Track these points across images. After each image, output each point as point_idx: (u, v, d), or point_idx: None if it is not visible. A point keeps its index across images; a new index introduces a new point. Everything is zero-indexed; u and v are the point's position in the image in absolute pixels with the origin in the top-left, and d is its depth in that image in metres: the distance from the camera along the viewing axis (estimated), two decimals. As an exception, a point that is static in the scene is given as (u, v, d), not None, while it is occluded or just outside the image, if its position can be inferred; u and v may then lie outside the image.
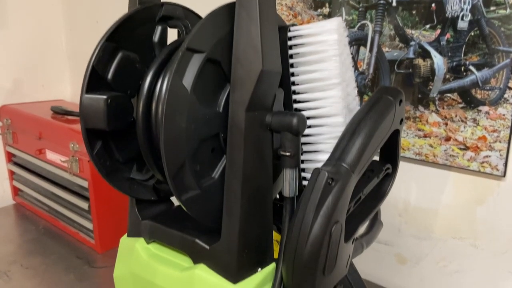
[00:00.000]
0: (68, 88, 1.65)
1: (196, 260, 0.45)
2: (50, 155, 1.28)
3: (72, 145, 1.17)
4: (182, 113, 0.37)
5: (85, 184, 1.19)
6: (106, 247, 1.23)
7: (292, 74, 0.45)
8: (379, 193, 0.49)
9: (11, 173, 1.51)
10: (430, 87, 0.76)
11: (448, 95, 0.75)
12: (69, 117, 1.35)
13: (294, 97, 0.46)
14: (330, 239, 0.40)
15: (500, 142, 0.71)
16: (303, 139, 0.46)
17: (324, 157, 0.43)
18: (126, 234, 0.54)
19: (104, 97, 0.41)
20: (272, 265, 0.46)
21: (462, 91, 0.73)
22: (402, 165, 0.86)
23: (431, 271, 0.86)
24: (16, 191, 1.54)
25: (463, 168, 0.76)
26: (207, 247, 0.44)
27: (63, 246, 1.27)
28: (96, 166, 0.44)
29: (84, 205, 1.21)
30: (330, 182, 0.39)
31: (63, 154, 1.22)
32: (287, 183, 0.43)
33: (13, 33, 1.48)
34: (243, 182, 0.41)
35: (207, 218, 0.42)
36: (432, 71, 0.75)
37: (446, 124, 0.76)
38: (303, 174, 0.48)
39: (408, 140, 0.81)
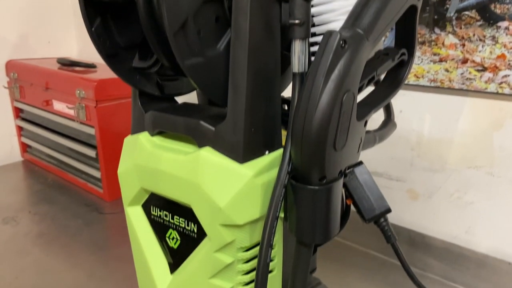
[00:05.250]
0: (74, 45, 1.63)
1: (201, 144, 0.43)
2: (57, 105, 1.27)
3: (78, 91, 1.16)
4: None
5: (92, 131, 1.18)
6: (114, 195, 1.23)
7: None
8: (395, 81, 0.47)
9: (19, 129, 1.51)
10: (447, 6, 0.73)
11: (466, 13, 0.71)
12: (76, 68, 1.34)
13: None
14: (341, 108, 0.37)
15: (520, 59, 0.68)
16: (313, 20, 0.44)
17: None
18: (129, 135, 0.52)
19: (102, -38, 0.39)
20: (280, 150, 0.44)
21: (481, 7, 0.69)
22: (415, 96, 0.83)
23: (444, 205, 0.83)
24: (24, 148, 1.54)
25: (480, 91, 0.73)
26: (212, 128, 0.42)
27: (72, 196, 1.27)
28: (95, 44, 0.42)
29: (91, 153, 1.20)
30: (343, 45, 0.37)
31: (70, 103, 1.21)
32: (296, 57, 0.40)
33: (19, -14, 1.46)
34: (249, 53, 0.39)
35: (211, 90, 0.40)
36: (449, -12, 0.72)
37: (463, 45, 0.73)
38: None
39: (423, 66, 0.78)
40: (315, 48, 0.45)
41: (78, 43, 1.62)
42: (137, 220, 0.50)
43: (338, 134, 0.38)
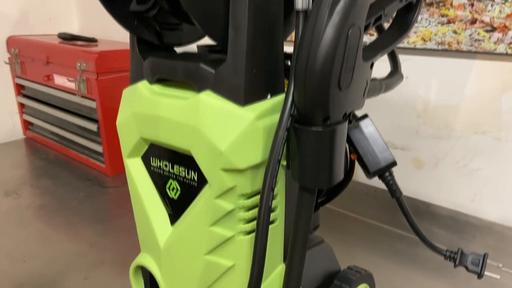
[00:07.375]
0: (75, 22, 1.61)
1: (201, 88, 0.41)
2: (58, 80, 1.26)
3: (79, 64, 1.15)
4: None
5: (93, 105, 1.17)
6: (116, 170, 1.22)
7: None
8: (403, 26, 0.45)
9: (21, 106, 1.50)
10: (456, -36, 0.70)
11: (475, -30, 0.69)
12: (77, 42, 1.32)
13: None
14: (347, 43, 0.36)
15: (531, 17, 0.65)
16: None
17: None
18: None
19: None
20: (283, 95, 0.42)
21: (491, -36, 0.67)
22: (422, 60, 0.81)
23: (450, 172, 0.82)
24: (26, 126, 1.53)
25: (489, 52, 0.71)
26: (213, 70, 0.40)
27: (74, 171, 1.26)
28: (91, -17, 0.41)
29: (93, 127, 1.19)
30: (348, -25, 0.35)
31: (71, 76, 1.20)
32: (300, -7, 0.38)
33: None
34: (250, -10, 0.37)
35: (210, 26, 0.39)
36: None
37: (472, 5, 0.70)
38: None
39: (430, 29, 0.76)
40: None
41: (79, 20, 1.60)
42: (136, 172, 0.48)
43: (343, 71, 0.36)
